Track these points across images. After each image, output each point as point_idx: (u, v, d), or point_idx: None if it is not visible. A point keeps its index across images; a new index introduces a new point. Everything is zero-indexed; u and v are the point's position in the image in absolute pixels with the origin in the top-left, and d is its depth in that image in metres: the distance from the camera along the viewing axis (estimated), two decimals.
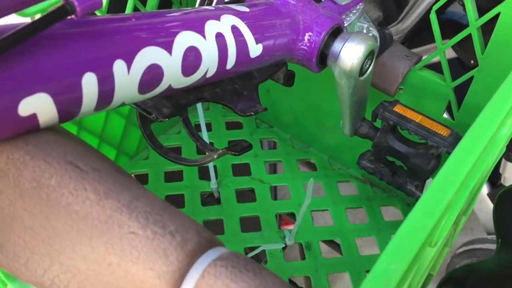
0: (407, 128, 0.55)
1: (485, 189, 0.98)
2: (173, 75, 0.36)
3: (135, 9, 0.65)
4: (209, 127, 0.84)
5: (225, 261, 0.25)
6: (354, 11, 0.57)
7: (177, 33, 0.36)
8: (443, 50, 0.59)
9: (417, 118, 0.55)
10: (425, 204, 0.27)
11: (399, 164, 0.63)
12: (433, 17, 0.57)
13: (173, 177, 0.76)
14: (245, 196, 0.75)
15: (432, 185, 0.28)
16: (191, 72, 0.38)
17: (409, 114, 0.56)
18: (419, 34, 0.95)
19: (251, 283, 0.24)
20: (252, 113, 0.47)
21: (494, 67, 0.56)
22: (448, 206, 0.28)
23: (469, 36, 0.56)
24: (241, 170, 0.78)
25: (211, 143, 0.77)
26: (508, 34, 0.52)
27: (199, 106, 0.71)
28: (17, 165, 0.27)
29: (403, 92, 0.64)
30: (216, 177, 0.74)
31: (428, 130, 0.55)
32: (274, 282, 0.24)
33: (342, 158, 0.78)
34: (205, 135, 0.71)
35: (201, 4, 0.51)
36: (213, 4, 0.51)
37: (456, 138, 0.55)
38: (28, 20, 0.44)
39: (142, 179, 0.75)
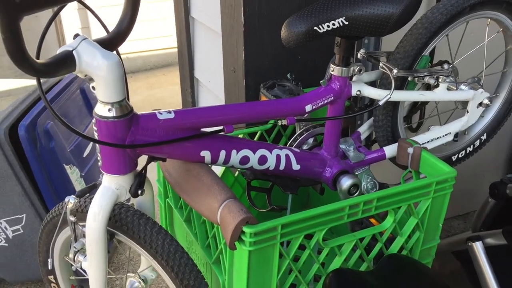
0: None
1: None
2: (254, 162, 1.01)
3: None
4: None
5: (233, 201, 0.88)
6: (362, 168, 1.16)
7: (259, 148, 1.01)
8: None
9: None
10: None
11: None
12: None
13: None
14: None
15: None
16: (261, 164, 1.02)
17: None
18: None
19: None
20: (289, 192, 1.08)
21: None
22: None
23: None
24: None
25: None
26: None
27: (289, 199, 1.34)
28: (193, 170, 0.95)
29: None
30: None
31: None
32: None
33: None
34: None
35: (295, 139, 1.16)
36: (297, 141, 1.16)
37: None
38: None
39: None
